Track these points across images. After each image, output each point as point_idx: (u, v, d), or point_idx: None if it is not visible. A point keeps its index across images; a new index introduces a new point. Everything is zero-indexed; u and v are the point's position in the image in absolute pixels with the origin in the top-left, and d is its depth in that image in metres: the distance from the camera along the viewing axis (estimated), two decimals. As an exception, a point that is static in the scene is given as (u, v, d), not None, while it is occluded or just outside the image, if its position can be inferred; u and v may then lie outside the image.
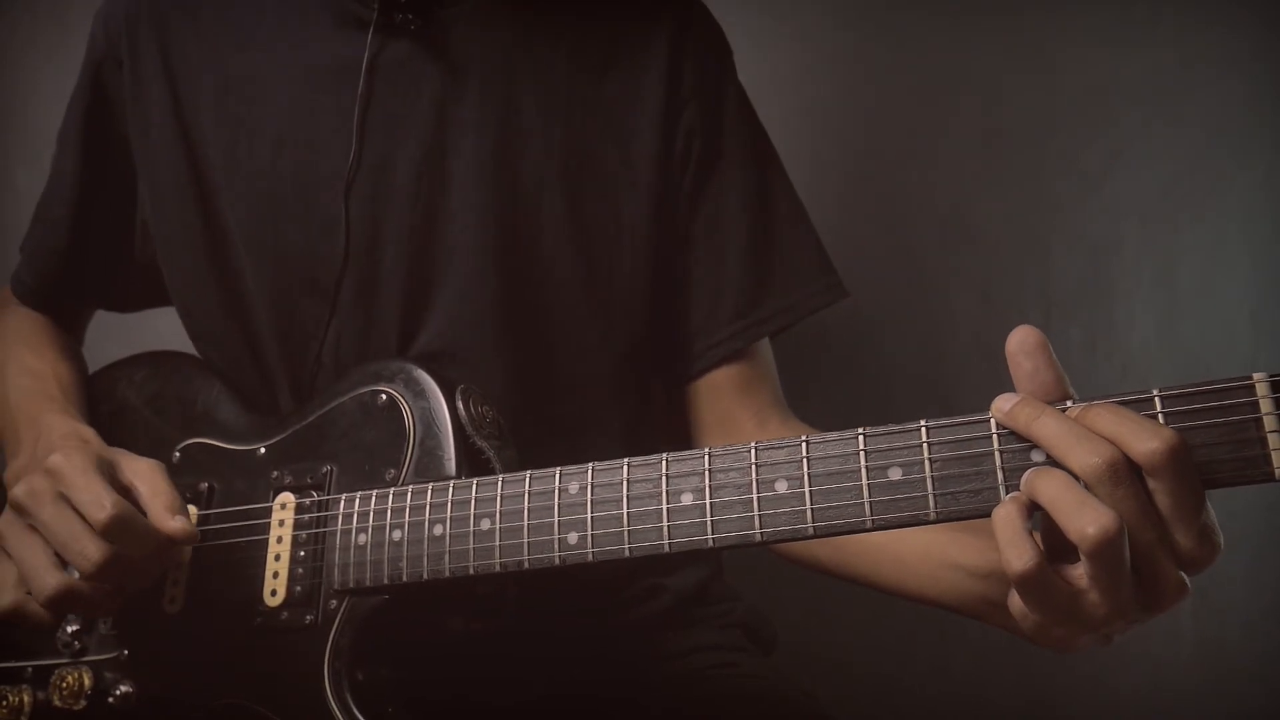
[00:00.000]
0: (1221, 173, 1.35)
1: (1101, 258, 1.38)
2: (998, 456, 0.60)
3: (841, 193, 1.43)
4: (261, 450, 0.88)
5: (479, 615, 0.81)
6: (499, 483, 0.74)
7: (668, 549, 0.67)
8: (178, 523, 0.78)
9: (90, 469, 0.77)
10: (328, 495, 0.82)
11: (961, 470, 0.61)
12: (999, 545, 0.58)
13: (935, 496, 0.61)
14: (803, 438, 0.65)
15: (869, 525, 0.62)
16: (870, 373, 1.43)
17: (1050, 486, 0.56)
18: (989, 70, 1.42)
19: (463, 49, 0.95)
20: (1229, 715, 1.33)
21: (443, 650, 0.83)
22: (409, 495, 0.77)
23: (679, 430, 1.03)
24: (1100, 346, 1.38)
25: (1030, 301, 1.40)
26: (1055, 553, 0.58)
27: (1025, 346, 0.60)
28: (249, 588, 0.82)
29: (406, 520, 0.77)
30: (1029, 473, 0.58)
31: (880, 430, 0.63)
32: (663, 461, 0.69)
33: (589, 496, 0.70)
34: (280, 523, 0.83)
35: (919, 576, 0.82)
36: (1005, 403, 0.60)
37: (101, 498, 0.75)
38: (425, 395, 0.82)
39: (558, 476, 0.72)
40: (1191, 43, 1.36)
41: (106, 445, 0.85)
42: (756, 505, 0.65)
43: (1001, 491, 0.60)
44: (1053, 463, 0.58)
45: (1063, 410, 0.59)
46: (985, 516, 0.60)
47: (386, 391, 0.84)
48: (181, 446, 0.92)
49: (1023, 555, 0.56)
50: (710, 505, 0.66)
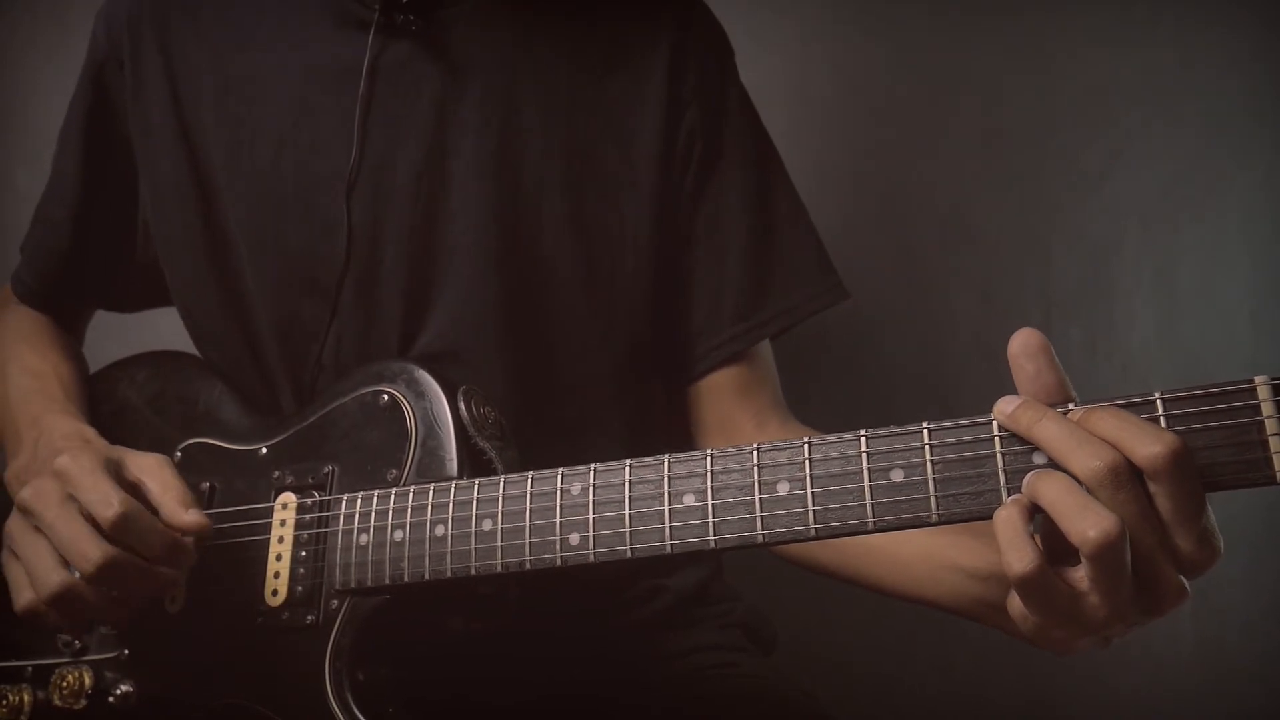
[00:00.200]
0: (1221, 173, 1.35)
1: (1101, 258, 1.38)
2: (999, 459, 0.60)
3: (842, 193, 1.43)
4: (263, 450, 0.88)
5: (480, 616, 0.81)
6: (501, 483, 0.74)
7: (670, 550, 0.67)
8: (192, 516, 0.78)
9: (97, 468, 0.77)
10: (329, 495, 0.82)
11: (963, 472, 0.61)
12: (1000, 547, 0.58)
13: (937, 498, 0.61)
14: (805, 439, 0.65)
15: (871, 527, 0.63)
16: (870, 373, 1.43)
17: (1052, 489, 0.57)
18: (989, 70, 1.42)
19: (463, 49, 0.95)
20: (1229, 715, 1.33)
21: (443, 650, 0.83)
22: (410, 495, 0.77)
23: (680, 431, 1.03)
24: (1100, 346, 1.38)
25: (1030, 302, 1.40)
26: (1056, 555, 0.58)
27: (1027, 349, 0.61)
28: (250, 587, 0.82)
29: (408, 520, 0.77)
30: (1031, 475, 0.58)
31: (882, 432, 0.63)
32: (665, 463, 0.69)
33: (591, 497, 0.70)
34: (282, 523, 0.83)
35: (920, 578, 0.82)
36: (1007, 405, 0.60)
37: (109, 496, 0.75)
38: (427, 396, 0.82)
39: (560, 477, 0.72)
40: (1191, 43, 1.36)
41: (109, 444, 0.85)
42: (759, 507, 0.65)
43: (1003, 494, 0.60)
44: (1054, 465, 0.58)
45: (1064, 413, 0.59)
46: (987, 518, 0.60)
47: (388, 392, 0.84)
48: (183, 446, 0.92)
49: (1023, 557, 0.57)
50: (712, 506, 0.67)
